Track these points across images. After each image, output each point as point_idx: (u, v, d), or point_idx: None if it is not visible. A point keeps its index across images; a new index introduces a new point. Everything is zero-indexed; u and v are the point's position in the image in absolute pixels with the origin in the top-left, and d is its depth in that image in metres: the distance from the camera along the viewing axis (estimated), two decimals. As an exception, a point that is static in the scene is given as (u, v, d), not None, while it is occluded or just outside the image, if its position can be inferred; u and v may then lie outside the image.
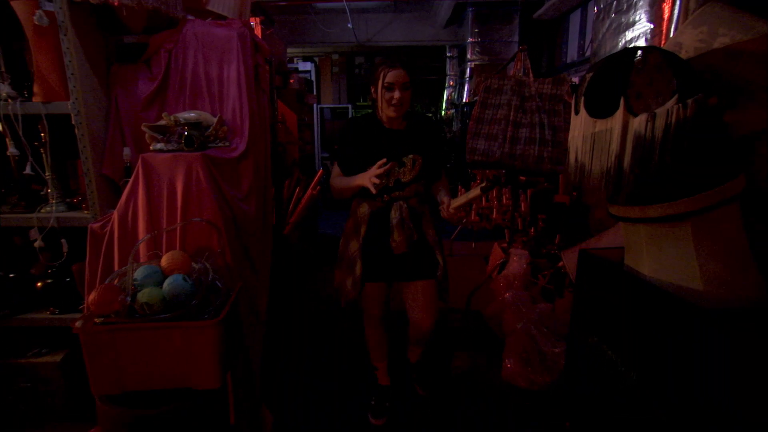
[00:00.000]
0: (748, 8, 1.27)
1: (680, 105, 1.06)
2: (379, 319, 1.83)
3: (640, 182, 1.15)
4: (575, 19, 5.15)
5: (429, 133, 1.66)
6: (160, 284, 1.22)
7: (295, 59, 7.28)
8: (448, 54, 7.06)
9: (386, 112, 1.56)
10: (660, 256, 1.22)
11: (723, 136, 1.12)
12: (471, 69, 5.80)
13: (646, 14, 1.98)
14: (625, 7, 2.10)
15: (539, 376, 1.88)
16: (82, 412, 1.74)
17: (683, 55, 1.28)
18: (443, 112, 7.05)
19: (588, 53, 4.74)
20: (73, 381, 1.78)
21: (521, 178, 3.13)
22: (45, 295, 1.75)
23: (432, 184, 1.73)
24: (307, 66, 6.82)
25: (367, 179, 1.50)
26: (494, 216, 3.07)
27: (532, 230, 2.83)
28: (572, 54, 5.33)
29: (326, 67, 7.63)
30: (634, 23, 2.03)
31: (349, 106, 7.21)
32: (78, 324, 1.11)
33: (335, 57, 7.83)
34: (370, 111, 1.69)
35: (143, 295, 1.16)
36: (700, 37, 1.26)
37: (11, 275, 1.78)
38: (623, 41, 2.11)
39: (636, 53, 1.16)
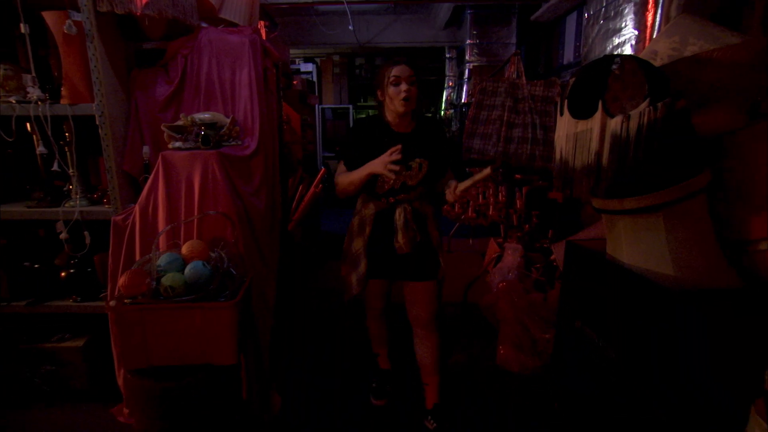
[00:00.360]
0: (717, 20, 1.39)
1: (651, 107, 1.18)
2: (380, 311, 1.89)
3: (618, 177, 1.27)
4: (571, 21, 5.26)
5: (435, 135, 1.67)
6: (181, 270, 1.34)
7: (296, 60, 7.39)
8: (447, 55, 7.18)
9: (395, 109, 1.56)
10: (636, 244, 1.34)
11: (690, 135, 1.24)
12: (469, 70, 5.92)
13: (632, 21, 2.10)
14: (612, 14, 2.22)
15: (531, 360, 2.00)
16: (103, 393, 1.86)
17: (658, 61, 1.40)
18: (442, 113, 7.17)
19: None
20: (94, 364, 1.90)
21: (516, 176, 3.26)
22: (68, 284, 1.87)
23: (437, 182, 1.73)
24: (309, 67, 6.94)
25: (382, 166, 1.48)
26: (490, 212, 3.19)
27: (527, 226, 2.95)
28: (568, 56, 5.44)
29: (327, 68, 7.75)
30: (620, 29, 2.16)
31: (350, 106, 7.32)
32: (111, 303, 1.23)
33: (336, 58, 7.95)
34: (373, 112, 1.76)
35: (167, 279, 1.28)
36: (673, 45, 1.38)
37: (36, 266, 1.90)
38: (611, 46, 2.24)
39: (614, 61, 1.28)
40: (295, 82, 3.94)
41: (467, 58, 5.95)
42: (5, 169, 1.93)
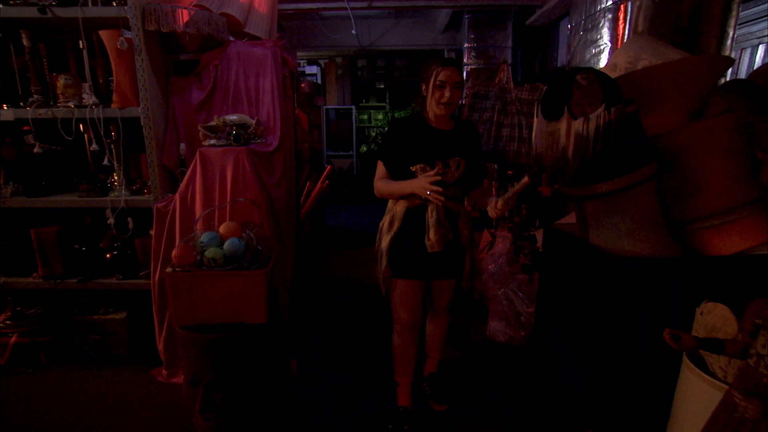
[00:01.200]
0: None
1: (606, 111, 1.46)
2: (411, 326, 1.74)
3: (581, 168, 1.54)
4: (564, 26, 5.52)
5: (472, 137, 1.67)
6: (219, 246, 1.62)
7: (301, 63, 7.67)
8: (447, 57, 7.45)
9: (435, 110, 1.57)
10: (597, 223, 1.62)
11: (639, 134, 1.51)
12: (467, 72, 6.17)
13: (607, 33, 2.37)
14: (590, 26, 2.49)
15: (516, 332, 2.28)
16: (143, 359, 2.14)
17: (617, 72, 1.67)
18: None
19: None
20: (134, 334, 2.18)
21: (509, 172, 3.54)
22: (112, 264, 2.15)
23: (471, 190, 1.73)
24: (313, 69, 7.21)
25: (422, 189, 1.51)
26: (484, 205, 3.46)
27: (517, 218, 3.22)
28: (562, 58, 5.71)
29: (331, 70, 8.02)
30: (597, 40, 2.43)
31: (353, 107, 7.59)
32: (168, 270, 1.50)
33: (339, 60, 8.22)
34: (375, 113, 2.00)
35: (210, 252, 1.56)
36: (629, 59, 1.65)
37: (84, 248, 2.18)
38: (589, 55, 2.51)
39: (577, 73, 1.56)
40: (302, 85, 4.21)
41: (465, 60, 6.21)
42: (56, 164, 2.21)
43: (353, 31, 6.59)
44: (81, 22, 1.78)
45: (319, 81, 7.32)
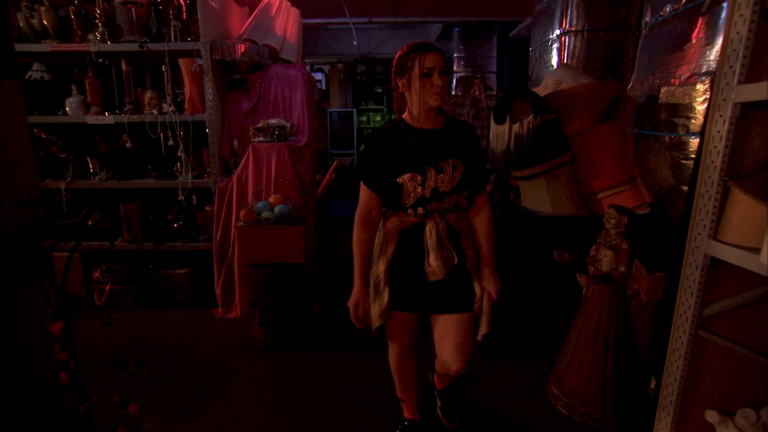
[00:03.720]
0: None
1: (534, 118, 2.17)
2: (408, 348, 1.55)
3: (519, 157, 2.25)
4: (541, 40, 6.24)
5: (467, 136, 1.40)
6: (270, 210, 2.32)
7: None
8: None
9: (426, 103, 1.29)
10: (532, 196, 2.33)
11: (558, 134, 2.22)
12: (457, 80, 6.90)
13: (555, 57, 3.08)
14: (544, 51, 3.21)
15: (484, 284, 2.99)
16: (201, 304, 2.83)
17: (547, 90, 2.37)
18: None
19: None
20: (196, 285, 2.87)
21: (486, 165, 4.25)
22: (178, 232, 2.84)
23: (474, 194, 1.42)
24: (318, 76, 7.92)
25: (352, 310, 1.42)
26: (466, 194, 4.17)
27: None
28: (540, 68, 6.42)
29: (334, 77, 8.73)
30: (548, 62, 3.14)
31: (354, 110, 8.31)
32: (239, 224, 2.21)
33: (340, 66, 8.93)
34: (374, 116, 2.64)
35: (264, 214, 2.26)
36: (555, 81, 2.36)
37: (156, 219, 2.87)
38: (543, 74, 3.22)
39: (517, 91, 2.27)
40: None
41: (455, 68, 6.94)
42: (133, 156, 2.90)
43: (354, 42, 7.31)
44: (167, 53, 2.48)
45: (324, 87, 8.03)
